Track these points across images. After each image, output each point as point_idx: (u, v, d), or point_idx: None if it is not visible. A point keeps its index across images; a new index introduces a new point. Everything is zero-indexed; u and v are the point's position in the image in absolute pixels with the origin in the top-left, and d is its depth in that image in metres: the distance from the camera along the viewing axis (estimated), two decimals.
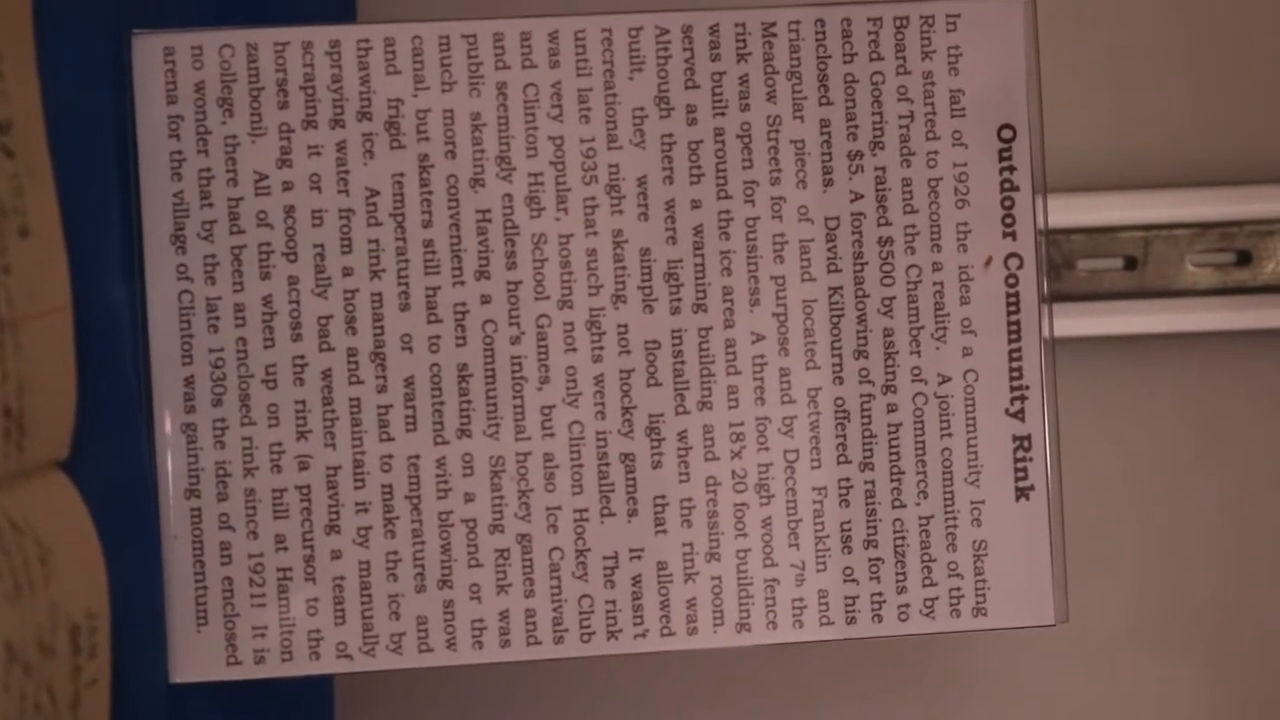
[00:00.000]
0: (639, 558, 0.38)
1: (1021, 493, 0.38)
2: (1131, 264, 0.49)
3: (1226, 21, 0.51)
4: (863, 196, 0.38)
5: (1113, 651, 0.52)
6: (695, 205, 0.38)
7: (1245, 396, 0.52)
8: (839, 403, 0.38)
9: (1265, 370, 0.51)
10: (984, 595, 0.38)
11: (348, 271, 0.37)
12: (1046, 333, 0.38)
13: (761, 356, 0.38)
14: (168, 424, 0.37)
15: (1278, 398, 0.52)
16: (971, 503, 0.38)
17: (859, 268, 0.38)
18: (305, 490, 0.37)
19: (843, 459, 0.38)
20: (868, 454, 0.38)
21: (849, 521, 0.38)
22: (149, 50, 0.37)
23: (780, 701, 0.53)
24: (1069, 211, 0.49)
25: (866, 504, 0.38)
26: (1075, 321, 0.49)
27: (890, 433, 0.38)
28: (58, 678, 0.32)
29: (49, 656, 0.32)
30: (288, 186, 0.37)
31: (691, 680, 0.52)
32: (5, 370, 0.31)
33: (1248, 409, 0.52)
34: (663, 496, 0.38)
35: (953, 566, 0.38)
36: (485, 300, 0.38)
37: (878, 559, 0.38)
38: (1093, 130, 0.51)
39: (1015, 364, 0.38)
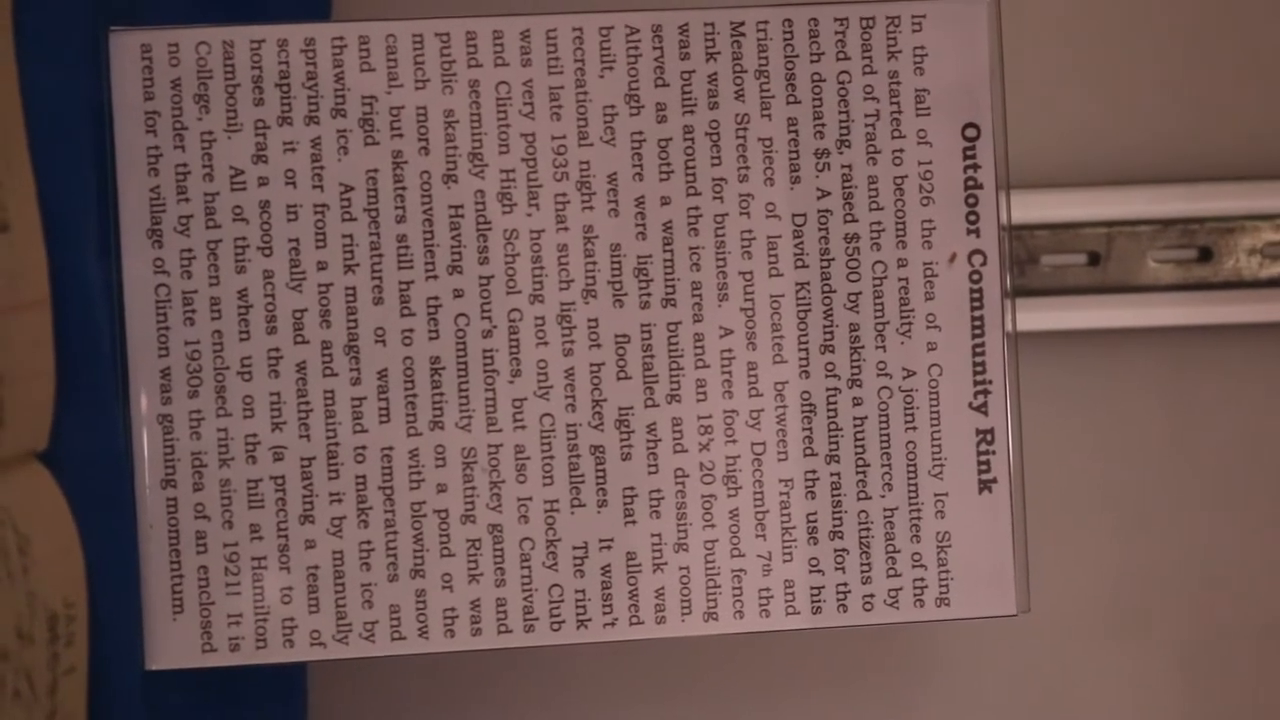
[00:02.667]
0: (608, 548, 0.38)
1: (984, 485, 0.39)
2: (1094, 260, 0.50)
3: (1189, 21, 0.52)
4: (829, 194, 0.39)
5: (1077, 641, 0.53)
6: (665, 202, 0.38)
7: (1206, 391, 0.52)
8: (805, 396, 0.39)
9: (1226, 365, 0.52)
10: (947, 586, 0.39)
11: (322, 266, 0.38)
12: (1009, 328, 0.39)
13: (730, 350, 0.38)
14: (144, 415, 0.38)
15: (1238, 392, 0.53)
16: (935, 495, 0.39)
17: (825, 264, 0.39)
18: (280, 480, 0.38)
19: (809, 451, 0.39)
20: (834, 447, 0.39)
21: (815, 513, 0.39)
22: (126, 47, 0.38)
23: (750, 689, 0.53)
24: (1033, 208, 0.50)
25: (832, 496, 0.39)
26: (1039, 316, 0.50)
27: (856, 426, 0.39)
28: (36, 665, 0.33)
29: (27, 644, 0.32)
30: (263, 182, 0.38)
31: (659, 669, 0.53)
32: None
33: (1209, 403, 0.53)
34: (632, 488, 0.38)
35: (916, 557, 0.39)
36: (458, 294, 0.38)
37: (843, 550, 0.39)
38: (1057, 128, 0.51)
39: (979, 359, 0.39)
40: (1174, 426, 0.52)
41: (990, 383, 0.39)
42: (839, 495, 0.39)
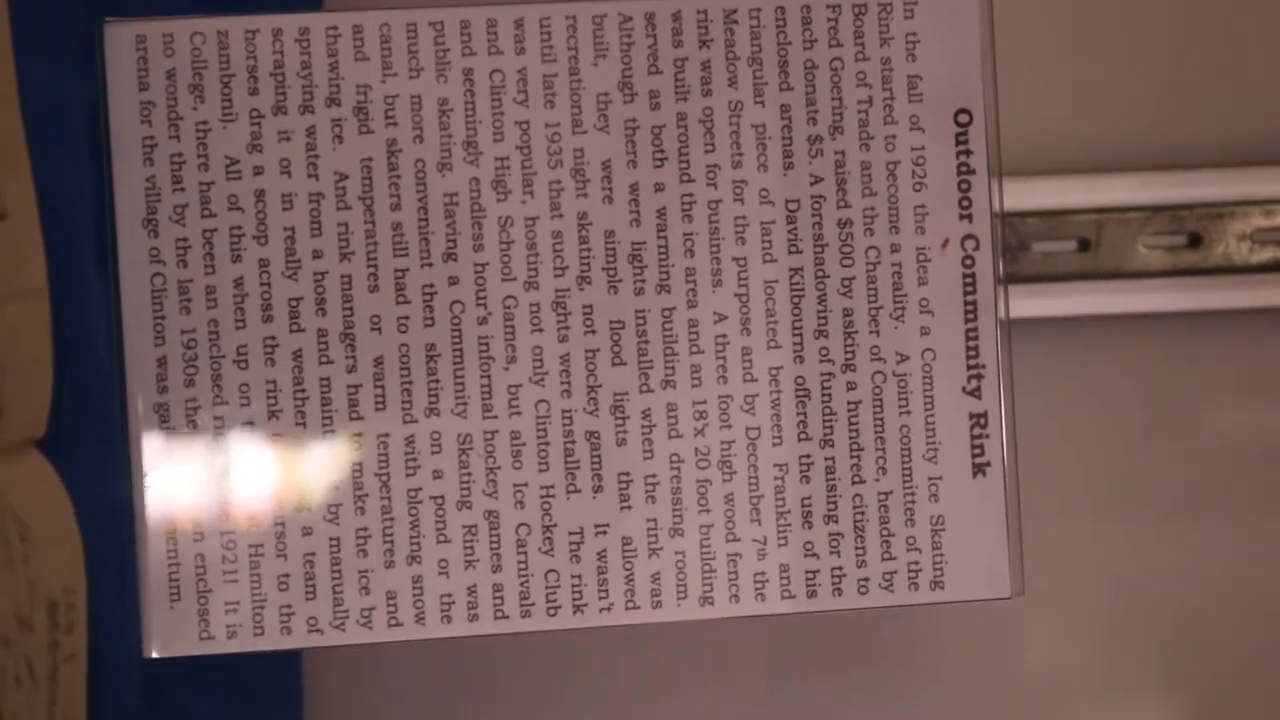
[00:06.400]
0: (604, 533, 0.38)
1: (978, 469, 0.39)
2: (1085, 246, 0.50)
3: (1181, 9, 0.52)
4: (822, 180, 0.39)
5: (1069, 624, 0.53)
6: (658, 188, 0.39)
7: (1196, 375, 0.53)
8: (800, 381, 0.39)
9: (1215, 350, 0.53)
10: (941, 569, 0.39)
11: (317, 254, 0.38)
12: (1002, 312, 0.39)
13: (724, 336, 0.39)
14: (140, 404, 0.38)
15: (1228, 377, 0.53)
16: (929, 479, 0.39)
17: (819, 249, 0.39)
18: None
19: (803, 436, 0.39)
20: (828, 431, 0.39)
21: (809, 497, 0.39)
22: (121, 38, 0.38)
23: (752, 674, 0.53)
24: (1024, 195, 0.50)
25: (827, 480, 0.39)
26: (1030, 303, 0.50)
27: (850, 410, 0.39)
28: (36, 652, 0.33)
29: (28, 632, 0.32)
30: (258, 171, 0.38)
31: (656, 654, 0.53)
32: None
33: (1199, 388, 0.53)
34: (627, 473, 0.38)
35: (911, 541, 0.39)
36: (453, 281, 0.38)
37: (838, 534, 0.39)
38: (1047, 115, 0.52)
39: (972, 343, 0.39)
40: (1164, 412, 0.53)
41: (984, 367, 0.39)
42: (833, 479, 0.39)
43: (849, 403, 0.39)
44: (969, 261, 0.39)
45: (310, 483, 0.38)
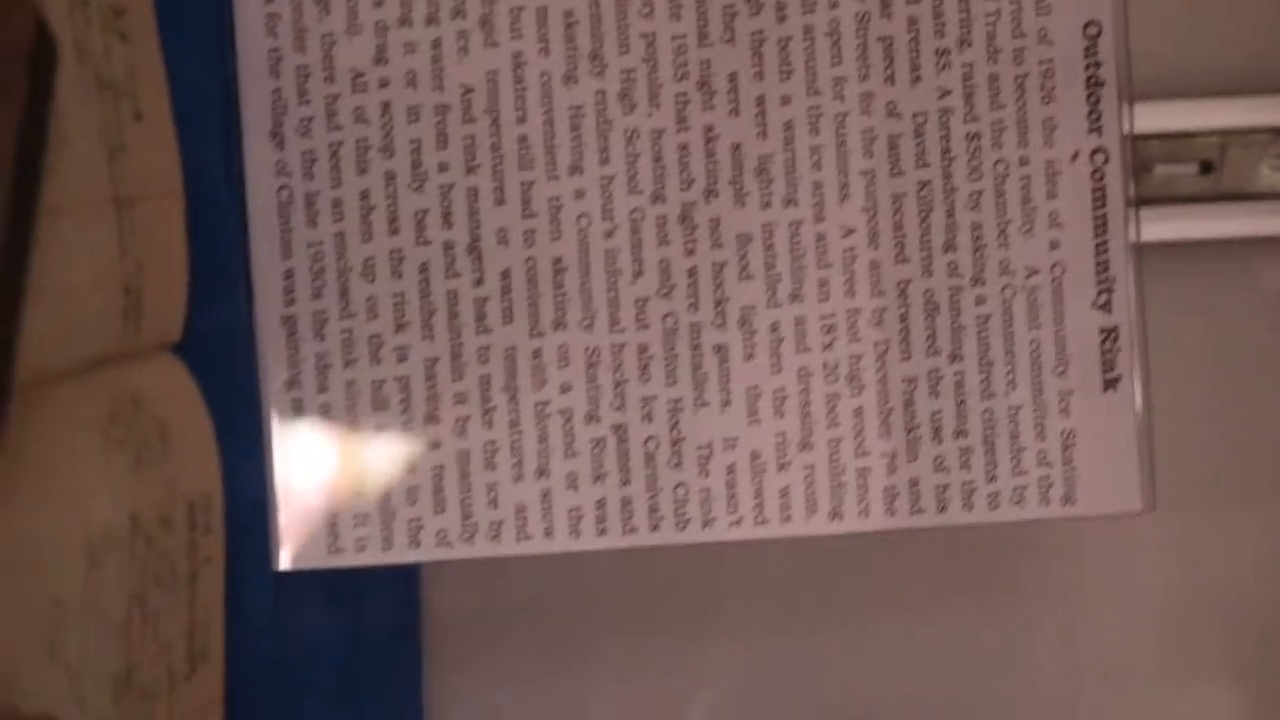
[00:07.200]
0: (733, 447, 0.38)
1: (1109, 383, 0.38)
2: (1207, 169, 0.50)
3: None
4: (950, 92, 0.38)
5: (1196, 534, 0.53)
6: (785, 101, 0.38)
7: None
8: (928, 295, 0.38)
9: None
10: (1072, 483, 0.38)
11: (443, 167, 0.38)
12: (1133, 225, 0.38)
13: (852, 249, 0.38)
14: (268, 316, 0.38)
15: None
16: (1060, 393, 0.38)
17: (947, 163, 0.38)
18: (404, 381, 0.38)
19: (932, 350, 0.38)
20: (957, 345, 0.38)
21: (939, 411, 0.38)
22: None
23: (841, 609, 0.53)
24: (1146, 117, 0.49)
25: (956, 394, 0.38)
26: (1151, 226, 0.49)
27: (979, 325, 0.38)
28: (177, 553, 0.33)
29: (168, 531, 0.32)
30: (384, 84, 0.38)
31: (787, 587, 0.53)
32: (124, 247, 0.32)
33: None
34: (756, 387, 0.38)
35: (1042, 455, 0.38)
36: (579, 195, 0.38)
37: (968, 448, 0.38)
38: (1170, 36, 0.51)
39: (1101, 257, 0.39)
40: None
41: (1113, 280, 0.39)
42: (963, 394, 0.38)
43: (978, 317, 0.38)
44: (1098, 175, 0.39)
45: (438, 396, 0.38)
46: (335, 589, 0.42)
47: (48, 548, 0.28)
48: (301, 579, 0.38)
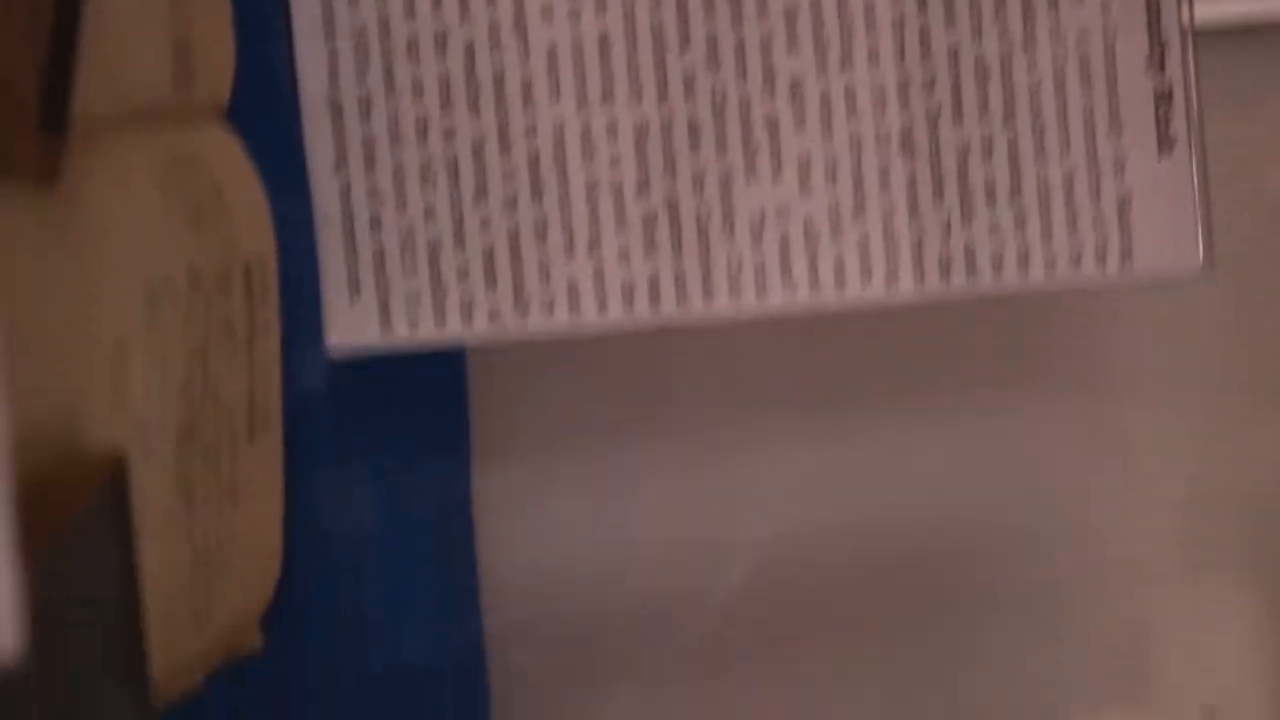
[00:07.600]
0: (785, 217, 0.38)
1: (1165, 145, 0.38)
2: None
3: None
4: None
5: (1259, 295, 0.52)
6: None
7: None
8: (979, 61, 0.38)
9: None
10: (1130, 243, 0.38)
11: None
12: None
13: (900, 15, 0.38)
14: (313, 98, 0.37)
15: None
16: (1115, 156, 0.38)
17: None
18: (452, 161, 0.38)
19: (985, 116, 0.38)
20: (1009, 110, 0.38)
21: (993, 177, 0.38)
22: None
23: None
24: None
25: (1009, 159, 0.38)
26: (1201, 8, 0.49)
27: (1031, 90, 0.38)
28: (236, 315, 0.32)
29: (227, 293, 0.32)
30: None
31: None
32: (174, 2, 0.31)
33: None
34: (807, 154, 0.38)
35: (1098, 218, 0.38)
36: None
37: (1023, 213, 0.38)
38: None
39: (1154, 21, 0.38)
40: None
41: (1166, 44, 0.38)
42: (1016, 159, 0.38)
43: (1030, 83, 0.38)
44: None
45: (486, 174, 0.37)
46: (387, 381, 0.41)
47: (108, 286, 0.27)
48: (353, 368, 0.38)
